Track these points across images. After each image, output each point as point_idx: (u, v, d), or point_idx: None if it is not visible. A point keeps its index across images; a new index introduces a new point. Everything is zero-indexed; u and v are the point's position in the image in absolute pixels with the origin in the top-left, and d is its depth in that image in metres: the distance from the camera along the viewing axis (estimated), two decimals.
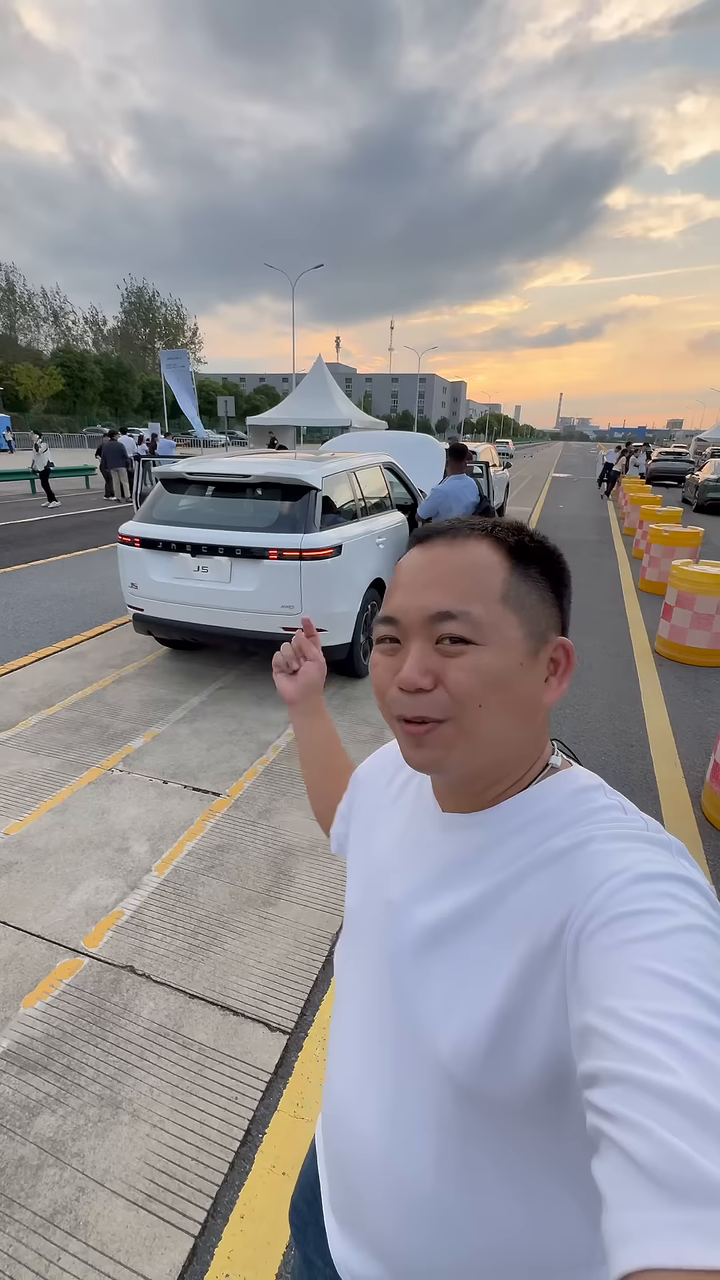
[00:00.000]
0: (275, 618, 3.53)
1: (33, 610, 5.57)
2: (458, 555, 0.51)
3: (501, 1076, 0.46)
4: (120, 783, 2.90)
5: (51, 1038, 1.67)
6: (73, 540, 9.00)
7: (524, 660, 0.50)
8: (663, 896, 0.40)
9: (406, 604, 0.51)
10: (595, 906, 0.42)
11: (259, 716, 3.60)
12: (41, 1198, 1.32)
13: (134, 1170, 1.37)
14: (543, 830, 0.50)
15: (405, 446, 6.79)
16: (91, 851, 2.41)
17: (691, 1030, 0.33)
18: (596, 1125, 0.33)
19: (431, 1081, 0.50)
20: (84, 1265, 1.21)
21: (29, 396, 42.99)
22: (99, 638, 4.91)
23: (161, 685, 4.01)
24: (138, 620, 4.02)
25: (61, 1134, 1.44)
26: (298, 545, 3.41)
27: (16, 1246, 1.24)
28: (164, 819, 2.63)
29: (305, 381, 19.11)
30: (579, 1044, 0.38)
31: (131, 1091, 1.53)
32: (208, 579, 3.63)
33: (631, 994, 0.36)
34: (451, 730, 0.49)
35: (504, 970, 0.47)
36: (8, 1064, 1.60)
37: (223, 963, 1.92)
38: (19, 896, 2.17)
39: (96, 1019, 1.72)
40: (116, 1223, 1.28)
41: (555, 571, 0.54)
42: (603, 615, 5.98)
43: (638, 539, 9.19)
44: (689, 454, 25.95)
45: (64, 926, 2.04)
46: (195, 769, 3.03)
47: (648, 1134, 0.30)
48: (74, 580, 6.69)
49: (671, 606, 4.86)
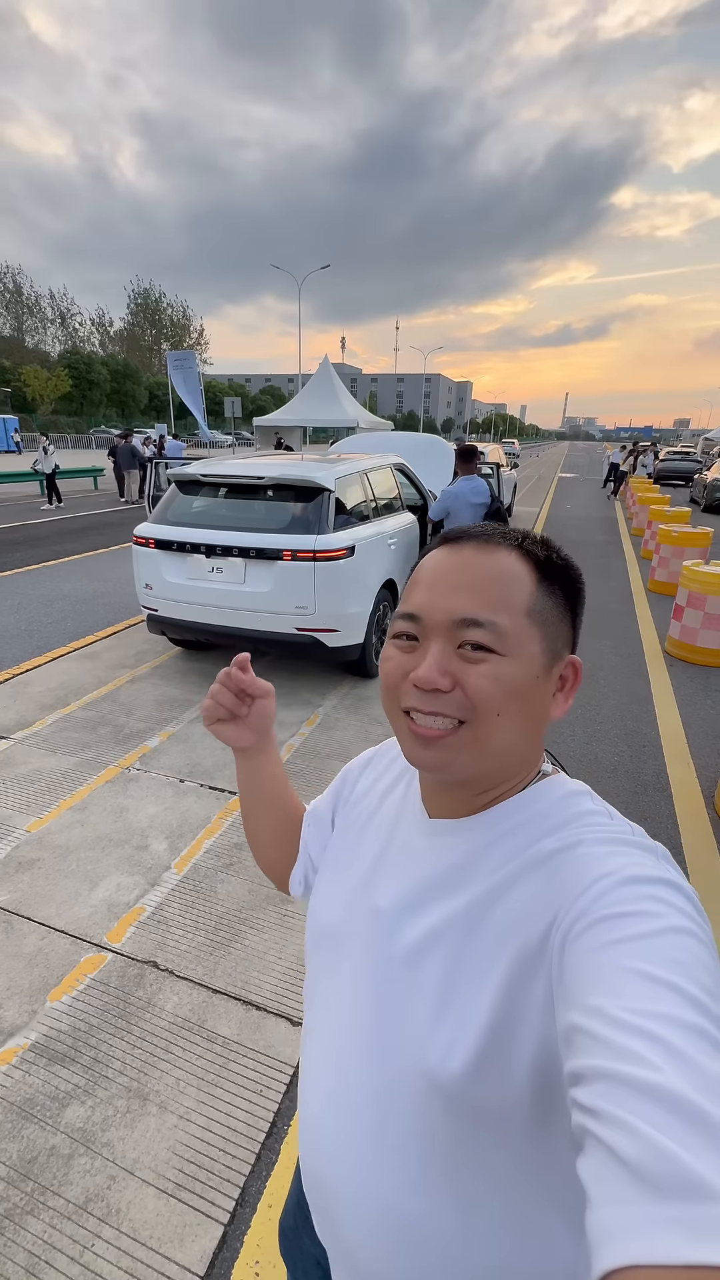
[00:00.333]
0: (289, 618, 3.56)
1: (45, 610, 5.62)
2: (488, 562, 0.51)
3: (492, 1084, 0.45)
4: (138, 781, 2.93)
5: (78, 1031, 1.70)
6: (83, 541, 9.07)
7: (540, 674, 0.51)
8: (649, 899, 0.40)
9: (432, 604, 0.51)
10: (582, 908, 0.42)
11: None
12: (74, 1186, 1.35)
13: (163, 1160, 1.40)
14: (532, 833, 0.51)
15: (414, 447, 6.80)
16: (112, 849, 2.45)
17: (676, 1029, 0.33)
18: (581, 1123, 0.33)
19: (416, 1097, 0.49)
20: (118, 1251, 1.24)
21: (36, 398, 43.26)
22: (112, 638, 4.95)
23: (175, 685, 4.04)
24: (152, 621, 4.06)
25: (91, 1124, 1.47)
26: (312, 546, 3.44)
27: (52, 1233, 1.27)
28: (182, 817, 2.66)
29: (312, 382, 19.15)
30: (565, 1043, 0.38)
31: (158, 1084, 1.56)
32: (222, 580, 3.66)
33: (617, 993, 0.36)
34: (467, 735, 0.49)
35: (495, 975, 0.47)
36: (37, 1056, 1.63)
37: (244, 958, 1.94)
38: (42, 892, 2.21)
39: (122, 1013, 1.75)
40: (148, 1211, 1.31)
41: (574, 590, 0.54)
42: (613, 616, 5.98)
43: (646, 539, 9.17)
44: (696, 453, 25.85)
45: (87, 922, 2.08)
46: (211, 768, 3.07)
47: (632, 1130, 0.30)
48: (85, 581, 6.74)
49: (682, 607, 4.86)
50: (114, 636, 4.99)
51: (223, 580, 3.66)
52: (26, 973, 1.88)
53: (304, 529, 3.55)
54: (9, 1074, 1.58)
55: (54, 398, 44.61)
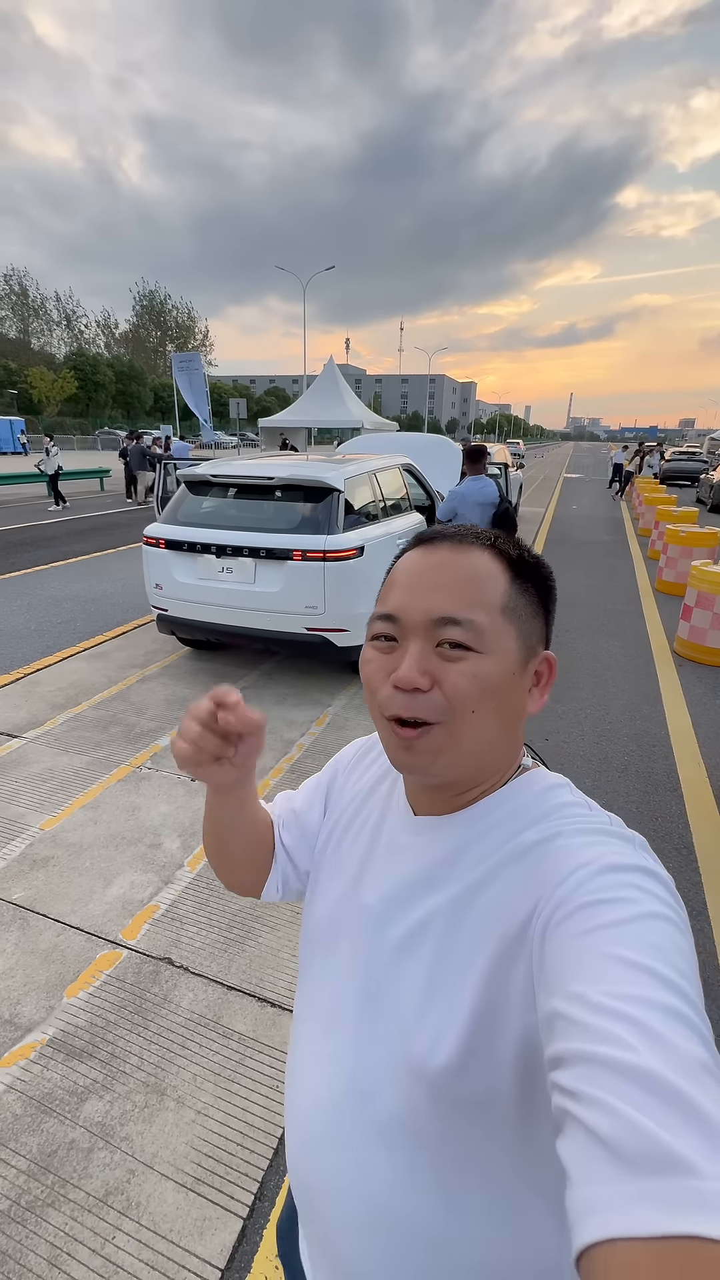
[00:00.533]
0: (299, 618, 3.58)
1: (55, 610, 5.65)
2: (463, 561, 0.52)
3: (478, 1075, 0.46)
4: (149, 780, 2.95)
5: (95, 1026, 1.71)
6: (91, 542, 9.11)
7: (516, 671, 0.51)
8: (627, 886, 0.41)
9: (409, 604, 0.52)
10: (562, 897, 0.43)
11: (282, 716, 3.64)
12: (94, 1179, 1.36)
13: (181, 1154, 1.41)
14: (513, 826, 0.51)
15: (421, 448, 6.81)
16: (125, 847, 2.46)
17: (655, 1012, 0.34)
18: (561, 1105, 0.34)
19: (403, 1093, 0.50)
20: (138, 1244, 1.25)
21: (43, 400, 43.48)
22: (121, 638, 4.98)
23: (185, 685, 4.06)
24: (161, 620, 4.08)
25: (110, 1119, 1.48)
26: (322, 546, 3.45)
27: (73, 1225, 1.28)
28: (194, 816, 2.67)
29: (317, 383, 19.18)
30: (546, 1029, 0.39)
31: (175, 1079, 1.57)
32: (232, 580, 3.68)
33: (597, 979, 0.36)
34: (442, 734, 0.50)
35: (478, 966, 0.47)
36: (55, 1051, 1.65)
37: (258, 955, 1.95)
38: (57, 890, 2.22)
39: (138, 1009, 1.77)
40: (167, 1204, 1.32)
41: (545, 587, 0.56)
42: (621, 616, 5.97)
43: (653, 539, 9.15)
44: (702, 453, 25.75)
45: (102, 919, 2.09)
46: None
47: (610, 1109, 0.31)
48: (94, 581, 6.78)
49: (691, 607, 4.85)
50: (123, 636, 5.01)
51: (233, 580, 3.68)
52: (43, 969, 1.90)
53: (314, 529, 3.56)
54: (28, 1069, 1.60)
55: (60, 400, 44.84)
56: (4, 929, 2.04)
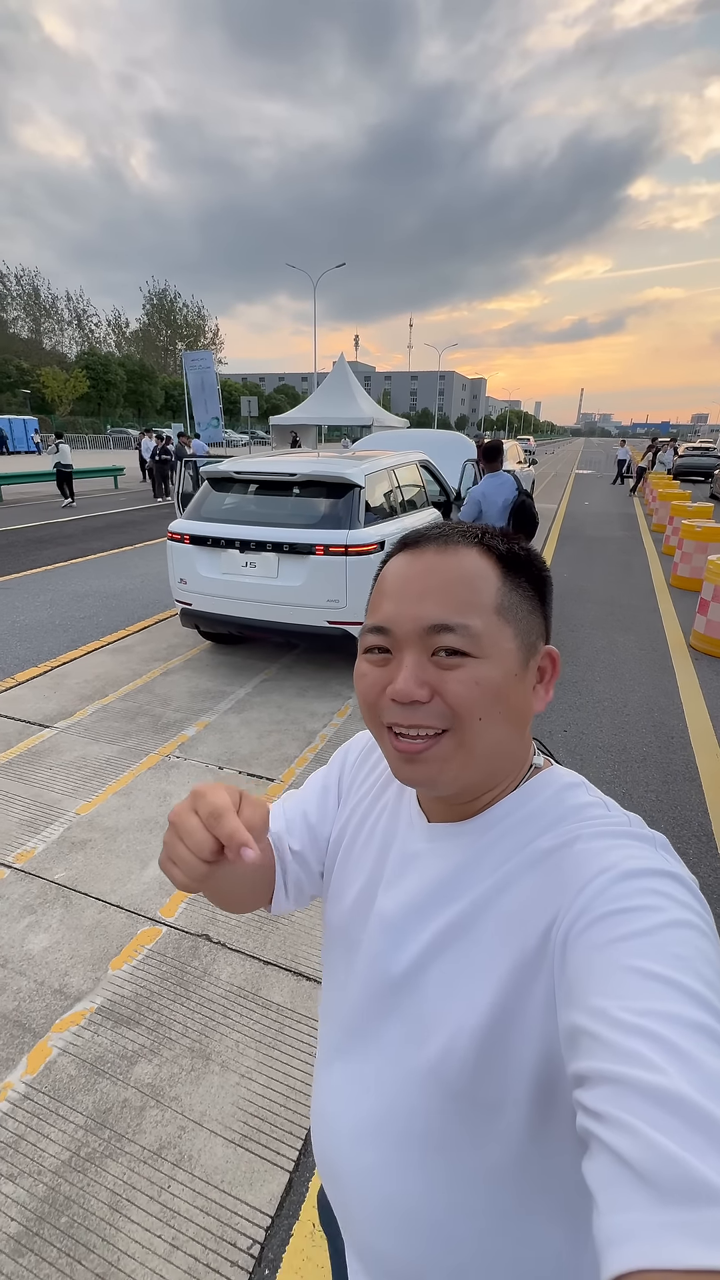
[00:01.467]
0: (321, 611, 3.65)
1: (77, 606, 5.77)
2: (451, 564, 0.50)
3: (493, 1083, 0.46)
4: (178, 768, 3.03)
5: (140, 996, 1.80)
6: (108, 539, 9.24)
7: (518, 671, 0.50)
8: (648, 893, 0.40)
9: (400, 614, 0.50)
10: (582, 906, 0.42)
11: (304, 707, 3.72)
12: (147, 1134, 1.45)
13: (228, 1113, 1.49)
14: (529, 831, 0.50)
15: (437, 444, 6.86)
16: (158, 831, 2.55)
17: (680, 1028, 0.33)
18: (586, 1126, 0.33)
19: (419, 1095, 0.50)
20: (192, 1192, 1.34)
21: (55, 399, 43.88)
22: (143, 632, 5.08)
23: (208, 678, 4.15)
24: (185, 614, 4.17)
25: (159, 1080, 1.57)
26: (344, 541, 3.52)
27: (131, 1175, 1.37)
28: None
29: (328, 381, 19.24)
30: (568, 1044, 0.38)
31: (219, 1045, 1.65)
32: (255, 574, 3.76)
33: (620, 993, 0.36)
34: (450, 743, 0.48)
35: (496, 974, 0.47)
36: (103, 1019, 1.73)
37: (291, 934, 2.03)
38: (97, 870, 2.31)
39: (180, 981, 1.85)
40: (217, 1157, 1.40)
41: (540, 580, 0.54)
42: (636, 611, 5.99)
43: (668, 535, 9.13)
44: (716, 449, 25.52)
45: (141, 898, 2.18)
46: (248, 756, 3.16)
47: (637, 1134, 0.30)
48: (113, 577, 6.89)
49: (708, 601, 4.86)
50: (145, 631, 5.11)
51: (256, 575, 3.76)
52: (88, 944, 1.99)
53: (335, 524, 3.63)
54: (79, 1034, 1.69)
55: (72, 399, 45.23)
56: (48, 906, 2.14)
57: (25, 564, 7.43)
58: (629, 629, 5.43)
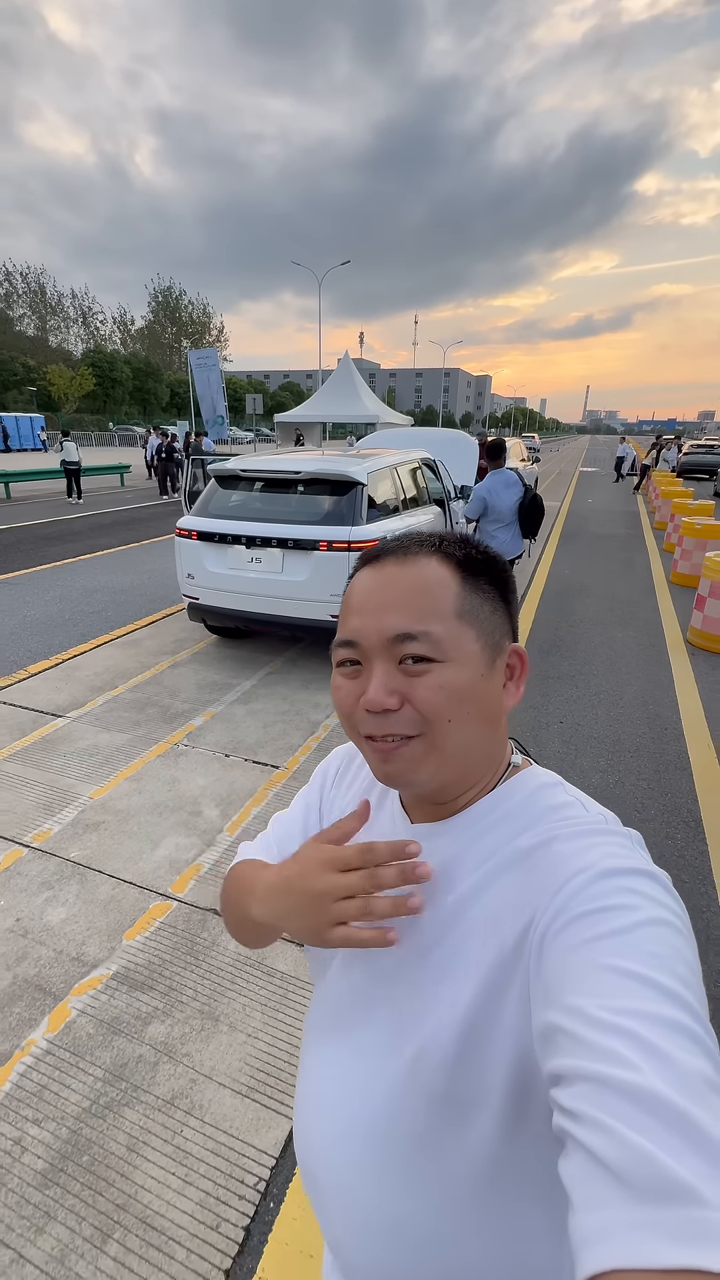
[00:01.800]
0: (324, 605, 3.75)
1: (86, 601, 5.89)
2: (410, 574, 0.52)
3: (469, 1081, 0.46)
4: (187, 756, 3.15)
5: (153, 964, 1.91)
6: (115, 536, 9.37)
7: (484, 671, 0.51)
8: (625, 892, 0.40)
9: (365, 627, 0.51)
10: (559, 906, 0.42)
11: (307, 699, 3.83)
12: (161, 1086, 1.56)
13: (236, 1068, 1.60)
14: (507, 831, 0.51)
15: (440, 443, 6.94)
16: (168, 814, 2.66)
17: (656, 1026, 0.33)
18: (562, 1125, 0.34)
19: (396, 1097, 0.50)
20: (203, 1136, 1.45)
21: (61, 397, 44.05)
22: (151, 627, 5.20)
23: (214, 670, 4.26)
24: (192, 609, 4.28)
25: (171, 1039, 1.68)
26: (346, 537, 3.63)
27: (147, 1120, 1.48)
28: (230, 788, 2.87)
29: (332, 378, 19.33)
30: (542, 1043, 0.38)
31: (227, 1007, 1.77)
32: (260, 569, 3.86)
33: (596, 991, 0.36)
34: (422, 746, 0.50)
35: (473, 975, 0.47)
36: (118, 984, 1.85)
37: None
38: (110, 850, 2.43)
39: (190, 950, 1.96)
40: (226, 1106, 1.51)
41: (501, 580, 0.55)
42: (635, 607, 6.07)
43: (669, 532, 9.19)
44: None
45: (152, 875, 2.29)
46: (254, 744, 3.28)
47: (612, 1133, 0.30)
48: (120, 574, 7.01)
49: (705, 597, 4.94)
50: (153, 625, 5.23)
51: (261, 570, 3.86)
52: (103, 916, 2.10)
53: (338, 521, 3.74)
54: (96, 997, 1.80)
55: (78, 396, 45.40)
56: (65, 882, 2.26)
57: (35, 560, 7.57)
58: (628, 624, 5.51)
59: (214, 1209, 1.32)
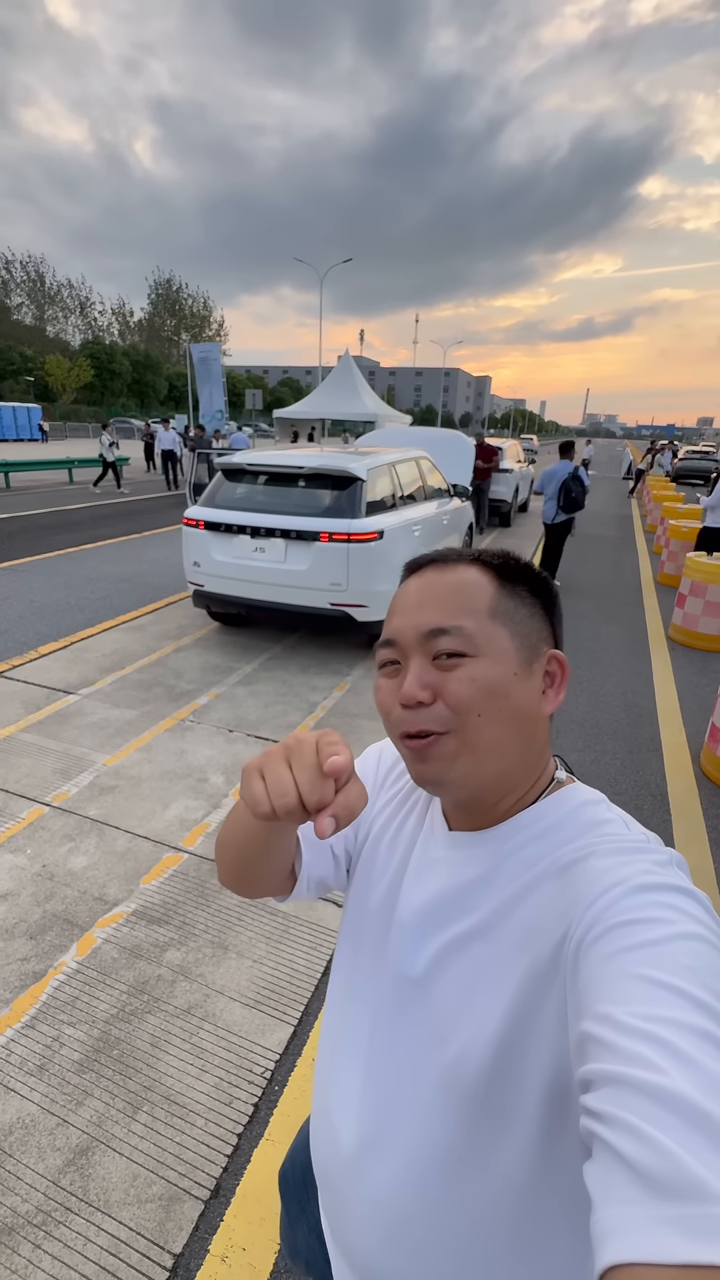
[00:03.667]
0: (324, 594, 3.98)
1: (91, 588, 6.09)
2: (447, 578, 0.55)
3: (505, 1095, 0.46)
4: (193, 730, 3.37)
5: (168, 904, 2.14)
6: (116, 526, 9.55)
7: (518, 670, 0.52)
8: (660, 906, 0.41)
9: (403, 625, 0.54)
10: (594, 917, 0.42)
11: (306, 682, 4.05)
12: (179, 999, 1.79)
13: (244, 986, 1.83)
14: (547, 845, 0.51)
15: (436, 443, 7.17)
16: (177, 780, 2.89)
17: (684, 1034, 0.33)
18: (587, 1126, 0.34)
19: (426, 1108, 0.51)
20: (216, 1038, 1.68)
21: (59, 388, 43.97)
22: (155, 613, 5.40)
23: (217, 654, 4.48)
24: (198, 595, 4.49)
25: (186, 963, 1.91)
26: (346, 529, 3.85)
27: (166, 1024, 1.71)
28: (234, 758, 3.09)
29: (332, 376, 19.50)
30: (577, 1052, 0.38)
31: (235, 939, 2.00)
32: (264, 558, 4.08)
33: (627, 1000, 0.36)
34: (454, 743, 0.51)
35: (509, 986, 0.48)
36: (138, 919, 2.07)
37: None
38: (124, 809, 2.65)
39: (200, 893, 2.19)
40: (236, 1015, 1.74)
41: (544, 591, 0.57)
42: (622, 605, 6.33)
43: (658, 535, 9.47)
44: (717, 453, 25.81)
45: (164, 831, 2.52)
46: (255, 722, 3.50)
47: (634, 1131, 0.31)
48: (123, 563, 7.21)
49: (685, 595, 5.20)
50: (156, 612, 5.44)
51: (265, 559, 4.08)
52: (120, 864, 2.32)
53: (339, 514, 3.96)
54: (118, 929, 2.02)
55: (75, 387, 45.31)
56: (85, 836, 2.47)
57: (40, 548, 7.74)
58: (613, 620, 5.77)
59: (227, 1090, 1.55)
